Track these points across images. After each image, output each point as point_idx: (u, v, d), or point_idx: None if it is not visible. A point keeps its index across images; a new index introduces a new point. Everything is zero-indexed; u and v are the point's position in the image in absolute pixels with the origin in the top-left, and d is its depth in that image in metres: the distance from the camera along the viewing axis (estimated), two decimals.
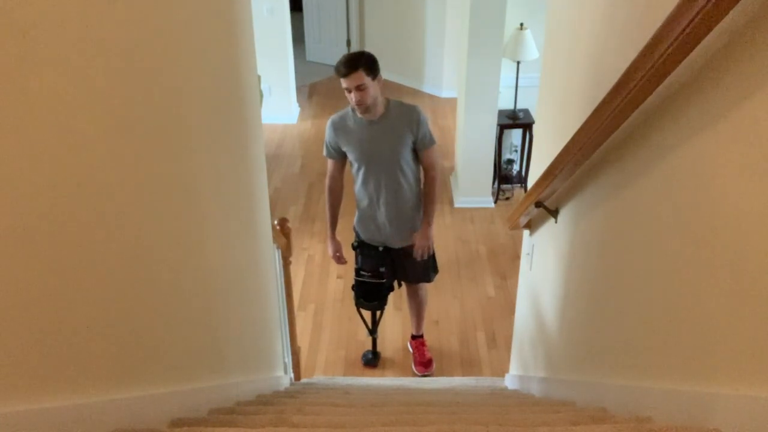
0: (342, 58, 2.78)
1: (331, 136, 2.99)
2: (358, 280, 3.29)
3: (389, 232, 3.12)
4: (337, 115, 3.01)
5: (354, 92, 2.77)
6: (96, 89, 1.00)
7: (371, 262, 3.22)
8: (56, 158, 0.91)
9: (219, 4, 1.71)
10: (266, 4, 5.85)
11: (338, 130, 2.97)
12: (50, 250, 0.92)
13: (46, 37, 0.86)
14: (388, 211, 3.05)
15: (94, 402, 1.06)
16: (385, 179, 2.98)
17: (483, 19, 4.53)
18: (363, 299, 3.34)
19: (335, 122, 2.99)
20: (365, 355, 3.72)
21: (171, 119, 1.34)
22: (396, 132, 2.90)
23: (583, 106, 1.88)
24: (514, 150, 5.41)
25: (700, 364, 1.18)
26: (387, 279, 3.26)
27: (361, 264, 3.26)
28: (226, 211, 1.85)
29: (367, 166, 2.98)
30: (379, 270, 3.22)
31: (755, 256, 0.98)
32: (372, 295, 3.30)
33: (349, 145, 2.96)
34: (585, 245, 2.01)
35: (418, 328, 3.66)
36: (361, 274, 3.26)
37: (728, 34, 1.03)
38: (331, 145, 3.01)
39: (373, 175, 2.99)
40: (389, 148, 2.92)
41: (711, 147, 1.13)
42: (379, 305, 3.37)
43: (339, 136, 2.97)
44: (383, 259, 3.22)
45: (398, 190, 3.00)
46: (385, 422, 1.51)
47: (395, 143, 2.91)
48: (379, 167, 2.96)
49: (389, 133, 2.91)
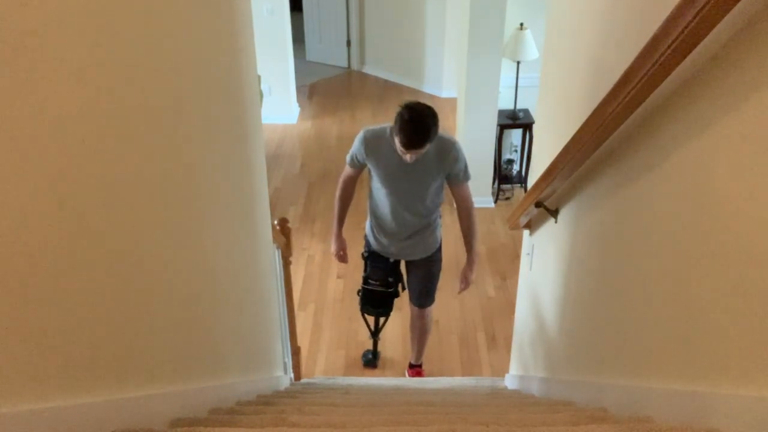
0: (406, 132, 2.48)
1: (361, 151, 2.81)
2: (366, 288, 3.23)
3: (401, 249, 3.04)
4: (373, 131, 2.79)
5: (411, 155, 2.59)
6: (94, 89, 1.00)
7: (380, 272, 3.16)
8: (56, 158, 0.91)
9: (219, 5, 1.71)
10: (266, 4, 5.85)
11: (371, 149, 2.78)
12: (50, 250, 0.92)
13: (46, 37, 0.86)
14: (404, 232, 2.96)
15: (94, 402, 1.06)
16: (407, 205, 2.87)
17: (483, 19, 4.53)
18: (369, 306, 3.29)
19: (369, 140, 2.78)
20: (365, 354, 3.71)
21: (170, 119, 1.34)
22: (429, 167, 2.74)
23: (583, 106, 1.88)
24: (514, 150, 5.41)
25: (700, 364, 1.18)
26: (394, 288, 3.22)
27: (369, 273, 3.19)
28: (226, 211, 1.85)
29: (391, 191, 2.84)
30: (387, 280, 3.17)
31: (755, 256, 0.98)
32: (378, 302, 3.26)
33: (377, 168, 2.81)
34: (585, 245, 2.01)
35: (417, 356, 3.55)
36: (369, 282, 3.20)
37: (728, 34, 1.03)
38: (358, 158, 2.85)
39: (395, 199, 2.86)
40: (419, 182, 2.79)
41: (711, 147, 1.13)
42: (385, 312, 3.35)
43: (369, 155, 2.80)
44: (393, 269, 3.17)
45: (418, 214, 2.90)
46: (385, 422, 1.51)
47: (426, 178, 2.77)
48: (403, 195, 2.84)
49: (423, 167, 2.73)
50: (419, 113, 2.49)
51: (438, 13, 6.66)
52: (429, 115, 2.51)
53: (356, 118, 6.62)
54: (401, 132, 2.48)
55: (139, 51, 1.15)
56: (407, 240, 2.99)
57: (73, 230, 0.97)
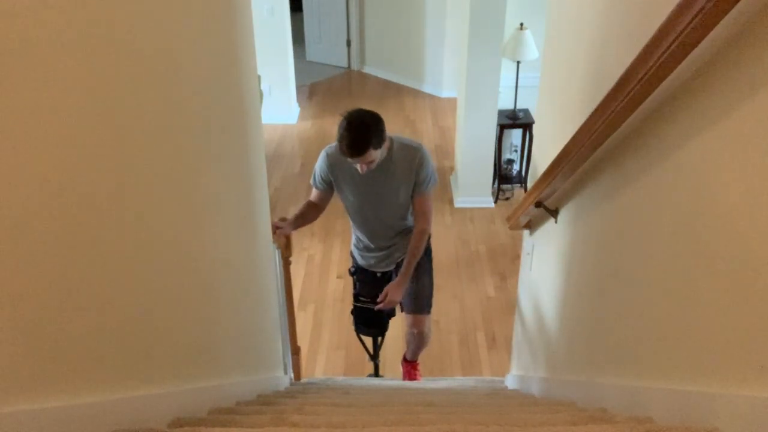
0: (345, 139, 2.39)
1: (324, 169, 2.72)
2: (357, 306, 3.09)
3: (386, 258, 2.96)
4: (334, 147, 2.64)
5: (361, 165, 2.51)
6: (94, 89, 1.00)
7: (369, 287, 3.02)
8: (56, 159, 0.91)
9: (219, 5, 1.71)
10: (266, 4, 5.85)
11: (334, 165, 2.68)
12: (50, 251, 0.92)
13: (46, 37, 0.86)
14: (383, 242, 2.89)
15: (94, 402, 1.06)
16: (380, 218, 2.79)
17: (483, 19, 4.53)
18: (363, 325, 3.15)
19: (331, 156, 2.68)
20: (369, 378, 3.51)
21: (170, 119, 1.34)
22: (397, 177, 2.64)
23: (583, 106, 1.88)
24: (514, 150, 5.41)
25: (700, 364, 1.18)
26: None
27: (359, 290, 3.07)
28: (226, 211, 1.85)
29: (362, 206, 2.77)
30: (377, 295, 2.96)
31: (755, 256, 0.98)
32: (372, 321, 3.10)
33: (343, 184, 2.73)
34: (585, 245, 2.01)
35: (413, 354, 3.35)
36: (359, 299, 3.07)
37: (728, 34, 1.03)
38: (323, 177, 2.75)
39: (369, 215, 2.79)
40: (388, 193, 2.69)
41: (711, 147, 1.13)
42: (380, 332, 3.20)
43: (334, 171, 2.70)
44: (382, 284, 3.00)
45: (394, 224, 2.82)
46: (385, 422, 1.51)
47: (394, 188, 2.67)
48: (375, 209, 2.76)
49: (390, 178, 2.63)
50: (357, 119, 2.41)
51: (438, 13, 6.66)
52: (368, 120, 2.42)
53: None
54: (341, 141, 2.40)
55: (138, 51, 1.15)
56: (389, 246, 2.90)
57: (73, 231, 0.97)
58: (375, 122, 2.45)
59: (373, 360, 3.40)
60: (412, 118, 6.62)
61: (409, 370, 3.44)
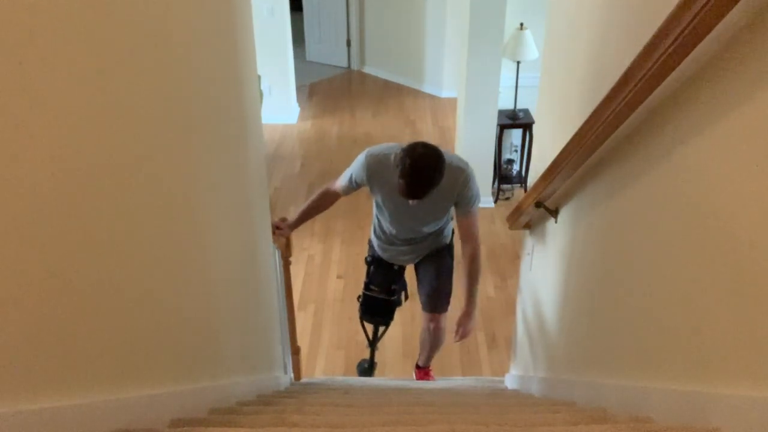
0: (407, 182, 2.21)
1: (361, 176, 2.52)
2: (367, 294, 3.02)
3: (408, 256, 2.89)
4: (377, 157, 2.47)
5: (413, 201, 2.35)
6: (94, 89, 1.00)
7: (383, 279, 2.97)
8: (55, 159, 0.91)
9: (219, 4, 1.71)
10: (266, 4, 5.85)
11: (373, 176, 2.49)
12: (50, 251, 0.92)
13: (46, 37, 0.86)
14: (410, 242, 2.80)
15: (94, 402, 1.06)
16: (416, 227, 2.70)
17: (483, 19, 4.53)
18: (368, 314, 3.09)
19: (372, 167, 2.47)
20: (361, 364, 3.53)
21: (170, 119, 1.34)
22: (438, 201, 2.47)
23: (583, 106, 1.88)
24: (514, 150, 5.41)
25: (700, 364, 1.18)
26: (397, 296, 3.03)
27: (372, 278, 3.00)
28: (226, 211, 1.85)
29: (397, 215, 2.64)
30: (390, 287, 2.97)
31: (755, 256, 0.98)
32: (379, 311, 3.06)
33: (379, 195, 2.58)
34: (585, 245, 2.01)
35: (426, 360, 3.33)
36: (370, 288, 3.00)
37: (729, 33, 1.03)
38: (357, 181, 2.57)
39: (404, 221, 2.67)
40: (426, 215, 2.60)
41: (711, 147, 1.13)
42: (385, 321, 3.16)
43: (373, 183, 2.52)
44: (397, 277, 2.97)
45: (428, 231, 2.74)
46: (385, 422, 1.51)
47: (435, 209, 2.57)
48: (411, 220, 2.64)
49: (431, 201, 2.42)
50: (422, 162, 2.21)
51: (438, 13, 6.66)
52: (433, 165, 2.23)
53: (356, 118, 6.62)
54: (402, 179, 2.22)
55: (138, 51, 1.15)
56: (414, 250, 2.86)
57: (72, 230, 0.97)
58: (439, 165, 2.25)
59: (371, 346, 3.40)
60: (412, 118, 6.62)
61: (422, 377, 3.43)
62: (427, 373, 3.43)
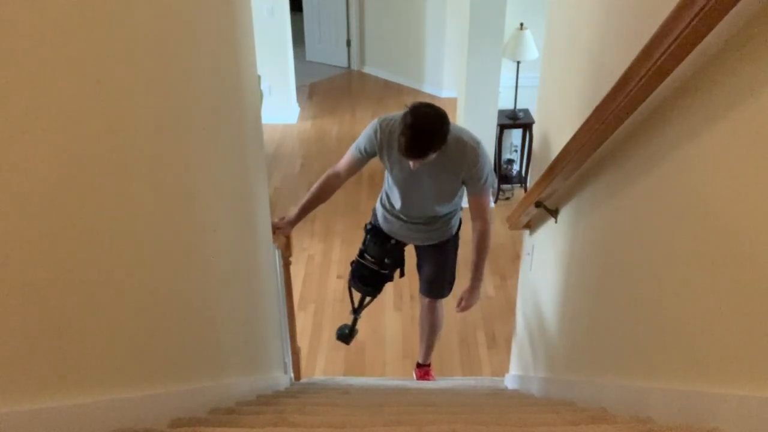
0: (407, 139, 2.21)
1: (372, 140, 2.49)
2: (360, 262, 2.94)
3: (410, 235, 2.81)
4: (389, 121, 2.45)
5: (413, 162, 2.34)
6: (94, 89, 1.00)
7: (379, 250, 2.88)
8: (55, 158, 0.91)
9: (219, 5, 1.71)
10: (266, 4, 5.85)
11: (383, 141, 2.46)
12: (49, 251, 0.92)
13: (46, 37, 0.86)
14: (416, 221, 2.73)
15: (94, 402, 1.06)
16: (425, 200, 2.62)
17: (483, 19, 4.53)
18: (358, 281, 3.00)
19: (385, 130, 2.45)
20: (341, 328, 3.36)
21: (170, 119, 1.34)
22: (446, 173, 2.46)
23: (583, 106, 1.88)
24: (514, 150, 5.41)
25: (700, 364, 1.18)
26: (389, 271, 2.95)
27: (368, 248, 2.92)
28: (226, 211, 1.85)
29: (406, 186, 2.59)
30: (384, 261, 2.90)
31: (755, 256, 0.98)
32: (368, 281, 2.97)
33: (389, 163, 2.54)
34: (585, 245, 2.01)
35: (425, 356, 3.35)
36: (364, 256, 2.92)
37: (728, 34, 1.03)
38: (366, 148, 2.53)
39: (413, 195, 2.61)
40: (434, 187, 2.54)
41: (711, 146, 1.13)
42: (373, 292, 3.05)
43: (383, 146, 2.49)
44: (393, 251, 2.90)
45: (437, 209, 2.67)
46: (385, 422, 1.51)
47: (442, 184, 2.53)
48: (420, 191, 2.58)
49: (439, 172, 2.44)
50: (423, 120, 2.22)
51: (438, 13, 6.66)
52: (434, 125, 2.24)
53: (356, 118, 6.62)
54: (403, 135, 2.22)
55: (138, 51, 1.15)
56: (418, 230, 2.77)
57: (73, 229, 0.97)
58: (440, 126, 2.25)
59: (355, 314, 3.27)
60: None
61: (423, 375, 3.44)
62: (428, 373, 3.44)
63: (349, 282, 3.10)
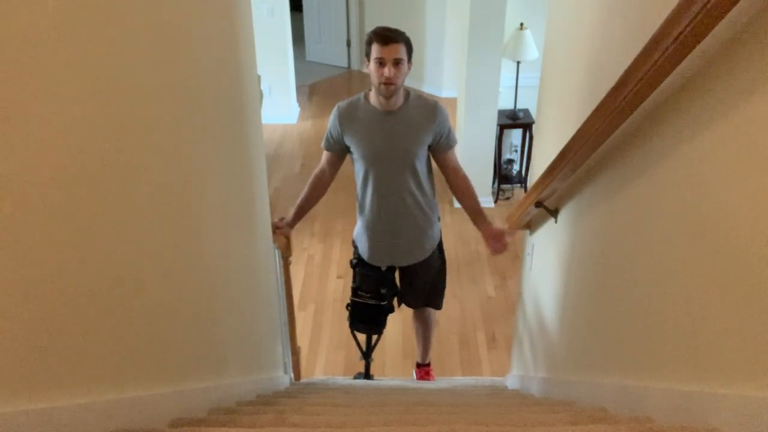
0: (381, 27, 2.43)
1: (336, 125, 2.59)
2: (355, 301, 2.89)
3: (394, 246, 2.75)
4: (346, 102, 2.61)
5: (388, 66, 2.37)
6: (94, 89, 1.00)
7: (371, 282, 2.85)
8: (55, 158, 0.91)
9: (219, 5, 1.71)
10: (266, 4, 5.85)
11: (345, 119, 2.57)
12: (50, 250, 0.92)
13: (46, 37, 0.86)
14: (394, 222, 2.67)
15: (94, 402, 1.06)
16: (394, 184, 2.59)
17: (483, 19, 4.53)
18: (359, 322, 2.96)
19: (342, 110, 2.58)
20: (356, 377, 3.41)
21: (170, 119, 1.34)
22: (413, 127, 2.52)
23: (583, 106, 1.88)
24: (514, 150, 5.41)
25: (700, 364, 1.18)
26: (388, 301, 2.87)
27: (359, 283, 2.87)
28: (226, 211, 1.85)
29: (374, 165, 2.58)
30: (379, 291, 2.84)
31: (755, 256, 0.98)
32: (369, 318, 2.93)
33: (355, 138, 2.57)
34: (585, 245, 2.01)
35: (424, 355, 3.33)
36: (358, 294, 2.88)
37: (728, 34, 1.03)
38: (334, 136, 2.61)
39: (380, 178, 2.59)
40: (403, 146, 2.54)
41: (711, 146, 1.13)
42: (377, 329, 3.02)
43: (345, 126, 2.57)
44: (385, 279, 2.85)
45: (408, 197, 2.62)
46: (385, 422, 1.51)
47: (411, 140, 2.53)
48: (388, 168, 2.57)
49: (406, 127, 2.52)
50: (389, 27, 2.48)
51: (438, 13, 6.66)
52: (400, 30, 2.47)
53: None
54: (373, 35, 2.40)
55: (138, 52, 1.15)
56: (399, 237, 2.72)
57: (73, 230, 0.97)
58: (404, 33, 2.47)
59: (365, 359, 3.25)
60: None
61: (423, 375, 3.43)
62: (428, 372, 3.44)
63: (350, 327, 3.04)
